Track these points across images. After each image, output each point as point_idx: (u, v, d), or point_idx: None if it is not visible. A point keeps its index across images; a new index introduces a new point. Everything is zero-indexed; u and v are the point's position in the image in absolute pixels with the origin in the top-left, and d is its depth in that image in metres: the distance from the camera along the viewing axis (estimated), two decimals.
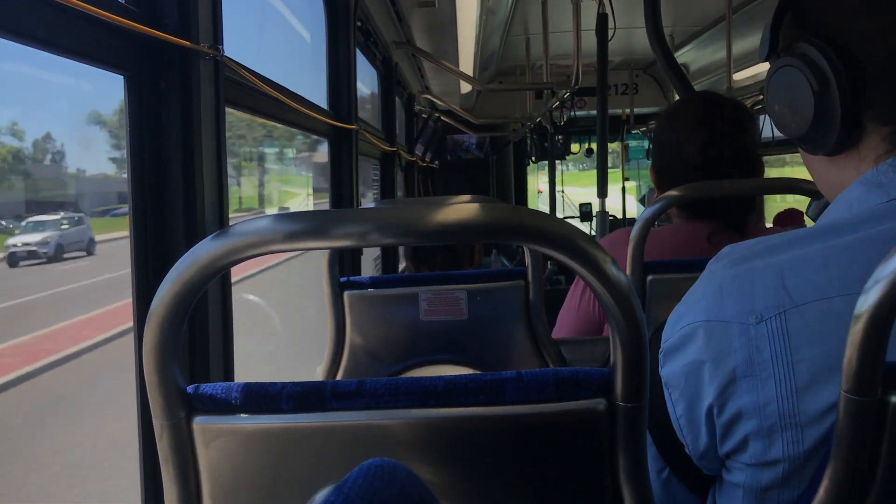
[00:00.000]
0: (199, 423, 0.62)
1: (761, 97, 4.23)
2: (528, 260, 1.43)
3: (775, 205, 3.16)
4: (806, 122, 0.73)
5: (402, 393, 0.61)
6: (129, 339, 1.03)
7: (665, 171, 1.58)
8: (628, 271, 1.29)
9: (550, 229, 0.54)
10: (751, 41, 4.31)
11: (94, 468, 3.46)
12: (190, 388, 0.62)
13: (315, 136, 2.60)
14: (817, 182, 0.82)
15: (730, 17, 3.87)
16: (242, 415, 0.62)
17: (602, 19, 2.77)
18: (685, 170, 1.51)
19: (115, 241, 3.63)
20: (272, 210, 4.77)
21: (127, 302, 1.04)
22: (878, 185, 0.70)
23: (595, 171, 3.13)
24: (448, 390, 0.61)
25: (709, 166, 1.48)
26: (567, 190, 7.63)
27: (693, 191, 1.29)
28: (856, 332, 0.54)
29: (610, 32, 2.78)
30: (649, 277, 1.33)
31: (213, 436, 0.62)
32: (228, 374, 1.16)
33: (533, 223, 0.54)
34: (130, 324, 1.05)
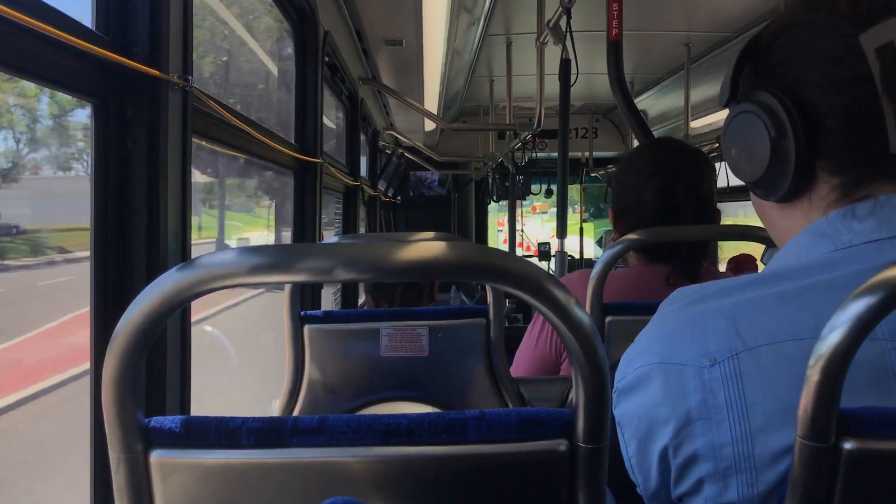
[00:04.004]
0: (157, 457, 0.61)
1: (717, 144, 4.35)
2: (489, 298, 1.43)
3: (729, 252, 3.23)
4: (761, 168, 0.75)
5: (365, 430, 0.61)
6: None
7: (623, 213, 1.62)
8: (588, 312, 1.30)
9: (516, 270, 0.54)
10: (708, 90, 4.45)
11: None
12: (148, 421, 0.61)
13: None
14: (767, 228, 0.84)
15: (688, 67, 4.00)
16: (201, 449, 0.61)
17: (565, 64, 2.82)
18: (642, 214, 1.55)
19: None
20: None
21: None
22: (823, 234, 0.72)
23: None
24: (411, 429, 0.61)
25: (665, 212, 1.52)
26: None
27: (651, 235, 1.32)
28: (811, 379, 0.55)
29: (573, 77, 2.83)
30: (608, 318, 1.35)
31: (170, 470, 0.61)
32: (185, 407, 1.14)
33: (500, 263, 0.54)
34: None
